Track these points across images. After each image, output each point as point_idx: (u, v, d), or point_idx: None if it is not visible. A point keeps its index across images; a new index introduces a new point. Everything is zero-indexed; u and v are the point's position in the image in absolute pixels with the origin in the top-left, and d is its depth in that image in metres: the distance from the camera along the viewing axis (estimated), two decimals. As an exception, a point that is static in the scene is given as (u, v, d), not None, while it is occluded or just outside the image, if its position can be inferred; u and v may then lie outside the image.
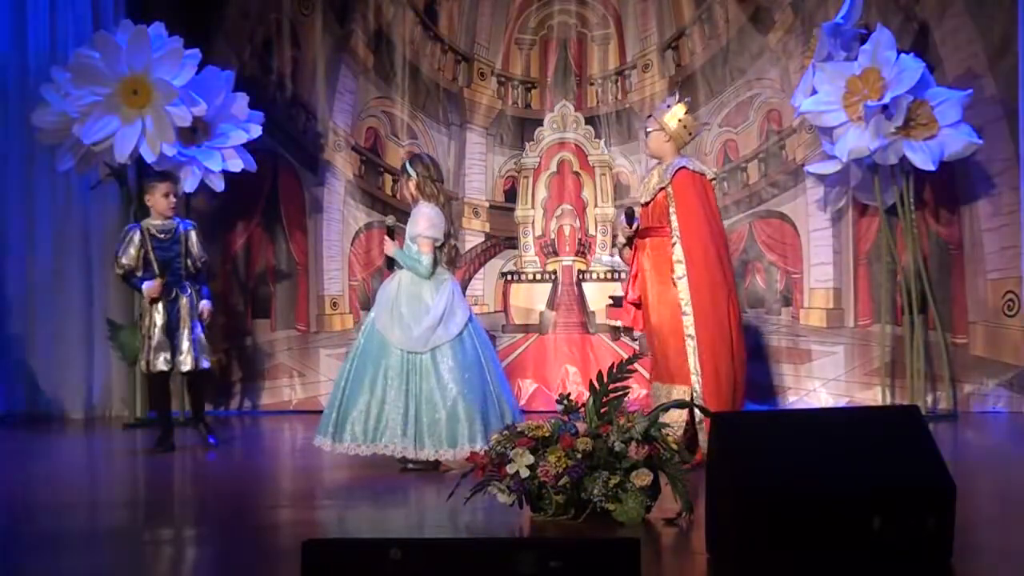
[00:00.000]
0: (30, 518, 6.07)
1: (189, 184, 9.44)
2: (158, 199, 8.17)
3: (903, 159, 8.87)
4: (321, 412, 10.15)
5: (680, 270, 7.30)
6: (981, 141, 9.01)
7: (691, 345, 7.27)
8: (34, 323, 10.18)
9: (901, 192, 9.20)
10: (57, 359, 10.14)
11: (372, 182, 10.55)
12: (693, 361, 7.26)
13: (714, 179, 7.66)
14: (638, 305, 7.65)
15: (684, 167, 7.45)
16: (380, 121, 10.55)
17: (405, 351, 7.11)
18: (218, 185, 9.59)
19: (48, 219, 10.14)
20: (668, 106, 7.62)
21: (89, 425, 9.95)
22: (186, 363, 8.16)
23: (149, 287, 8.10)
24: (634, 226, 7.58)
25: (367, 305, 10.44)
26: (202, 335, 8.22)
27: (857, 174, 9.24)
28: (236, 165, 9.52)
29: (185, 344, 8.13)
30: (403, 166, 7.46)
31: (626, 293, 7.75)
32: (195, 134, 9.41)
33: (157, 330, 8.10)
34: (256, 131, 9.66)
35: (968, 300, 9.54)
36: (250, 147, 9.75)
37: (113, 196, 9.97)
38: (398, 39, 10.50)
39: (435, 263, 7.20)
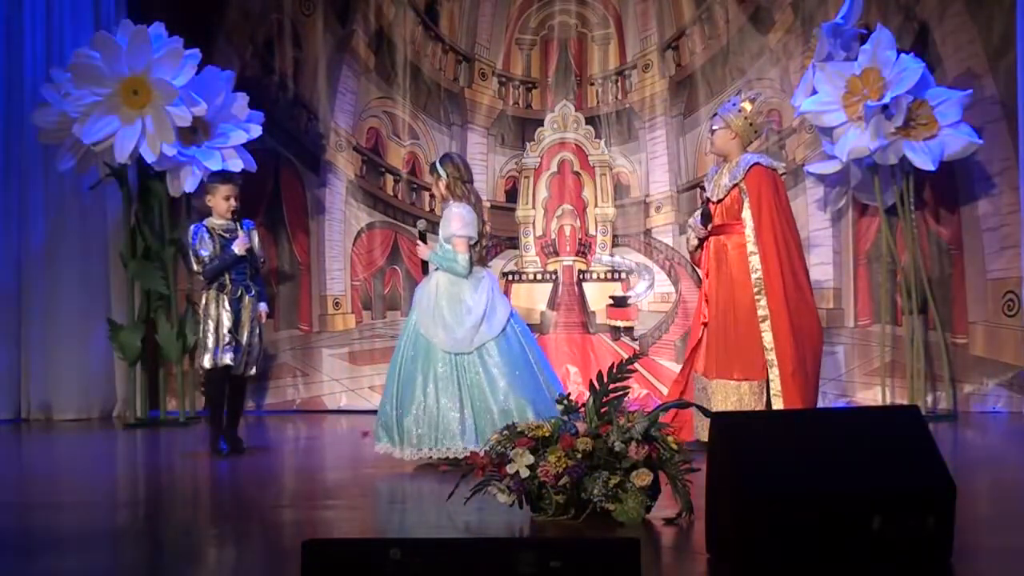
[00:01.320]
0: (30, 518, 6.07)
1: (189, 184, 9.45)
2: (219, 201, 7.97)
3: (903, 159, 8.87)
4: (324, 412, 10.32)
5: (755, 262, 7.51)
6: (981, 141, 9.02)
7: (767, 339, 7.45)
8: (33, 324, 10.18)
9: (901, 192, 9.21)
10: (57, 360, 10.13)
11: (373, 182, 10.56)
12: (771, 356, 7.46)
13: (784, 174, 7.82)
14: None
15: (759, 163, 7.66)
16: (381, 121, 10.56)
17: (452, 353, 7.14)
18: (218, 185, 9.58)
19: (47, 219, 10.13)
20: (734, 104, 7.77)
21: (90, 425, 9.95)
22: (239, 367, 7.93)
23: (238, 243, 7.87)
24: (708, 227, 7.67)
25: (369, 305, 10.49)
26: (259, 340, 8.03)
27: (857, 174, 9.24)
28: (236, 165, 9.51)
29: (244, 347, 7.91)
30: (433, 166, 7.53)
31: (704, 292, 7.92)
32: (195, 134, 9.41)
33: (225, 328, 7.84)
34: (256, 131, 9.66)
35: (968, 300, 9.54)
36: (252, 147, 9.76)
37: (113, 196, 9.98)
38: (399, 39, 10.51)
39: (471, 261, 7.27)
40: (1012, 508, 5.92)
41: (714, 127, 7.83)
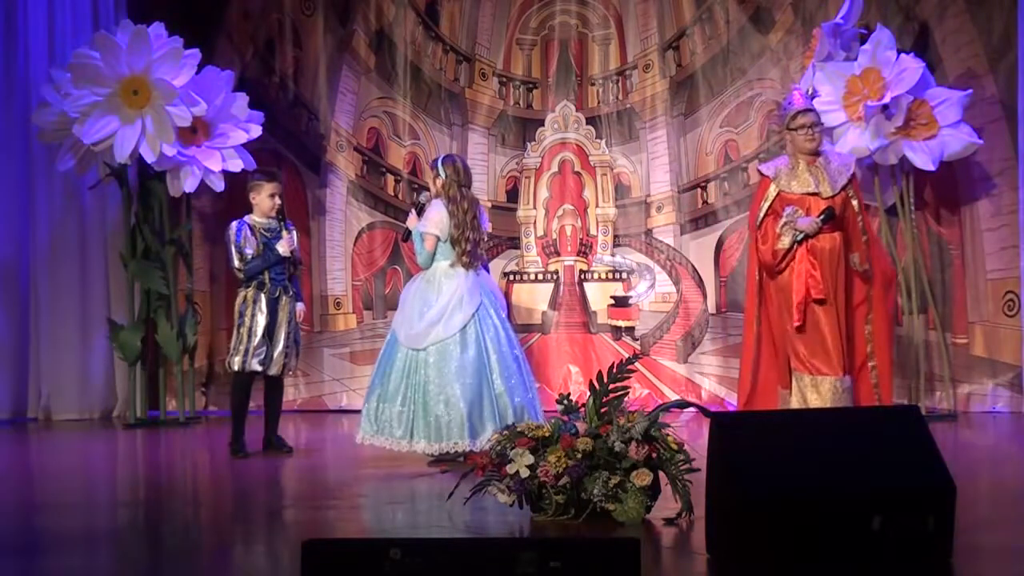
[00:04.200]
0: (31, 518, 6.07)
1: (189, 184, 9.45)
2: (264, 199, 7.90)
3: (903, 159, 8.87)
4: (324, 412, 10.34)
5: (857, 259, 7.60)
6: (981, 141, 9.01)
7: (869, 339, 7.64)
8: (34, 324, 10.18)
9: (901, 192, 9.21)
10: (57, 360, 10.13)
11: (374, 182, 10.55)
12: (878, 356, 7.62)
13: None
14: (817, 302, 7.51)
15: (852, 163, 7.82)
16: (382, 121, 10.55)
17: (407, 348, 7.33)
18: (218, 185, 9.58)
19: (47, 219, 10.13)
20: (812, 97, 7.80)
21: (90, 425, 9.95)
22: (275, 367, 7.88)
23: (284, 243, 7.82)
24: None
25: (370, 305, 10.49)
26: (296, 341, 7.97)
27: (857, 174, 9.23)
28: (236, 165, 9.52)
29: (280, 348, 7.85)
30: (435, 162, 7.70)
31: (809, 289, 7.47)
32: (195, 134, 9.41)
33: (260, 330, 7.78)
34: (256, 131, 9.66)
35: (968, 300, 9.54)
36: (253, 147, 9.76)
37: (113, 196, 9.98)
38: (399, 39, 10.50)
39: (432, 258, 7.46)
40: (1012, 508, 5.93)
41: (822, 123, 7.83)
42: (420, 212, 7.61)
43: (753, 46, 10.00)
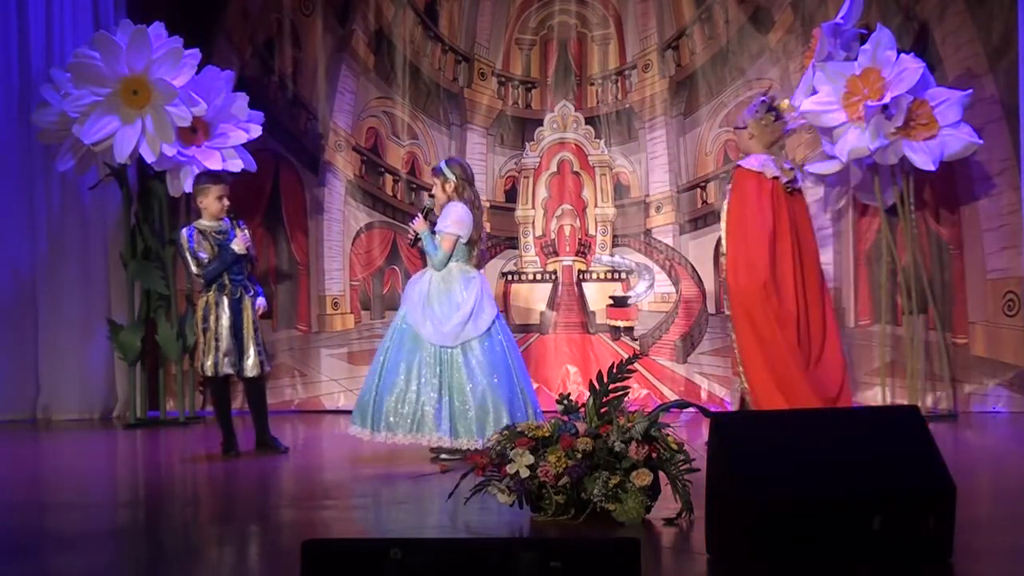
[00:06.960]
0: (32, 518, 6.07)
1: (189, 184, 9.43)
2: (211, 201, 7.90)
3: (903, 159, 8.87)
4: (322, 412, 10.32)
5: (724, 264, 7.78)
6: (981, 141, 9.01)
7: (733, 338, 7.82)
8: (34, 324, 10.17)
9: (901, 192, 9.21)
10: (58, 360, 10.13)
11: (373, 182, 10.55)
12: (739, 355, 7.76)
13: (788, 182, 7.91)
14: None
15: (740, 165, 7.93)
16: (381, 121, 10.55)
17: (437, 345, 7.35)
18: (218, 185, 9.57)
19: (47, 219, 10.13)
20: (754, 105, 8.07)
21: (90, 425, 9.95)
22: (253, 368, 7.85)
23: (239, 241, 7.80)
24: None
25: (368, 305, 10.48)
26: (261, 338, 7.97)
27: (857, 174, 9.24)
28: (236, 165, 9.51)
29: (252, 348, 7.84)
30: (438, 169, 7.71)
31: None
32: (195, 134, 9.40)
33: (225, 332, 7.77)
34: (256, 131, 9.65)
35: (968, 300, 9.54)
36: (251, 147, 9.75)
37: (113, 196, 9.97)
38: (398, 39, 10.50)
39: (448, 259, 7.47)
40: (1012, 508, 5.93)
41: (739, 126, 8.09)
42: (427, 216, 7.60)
43: (752, 46, 10.00)
